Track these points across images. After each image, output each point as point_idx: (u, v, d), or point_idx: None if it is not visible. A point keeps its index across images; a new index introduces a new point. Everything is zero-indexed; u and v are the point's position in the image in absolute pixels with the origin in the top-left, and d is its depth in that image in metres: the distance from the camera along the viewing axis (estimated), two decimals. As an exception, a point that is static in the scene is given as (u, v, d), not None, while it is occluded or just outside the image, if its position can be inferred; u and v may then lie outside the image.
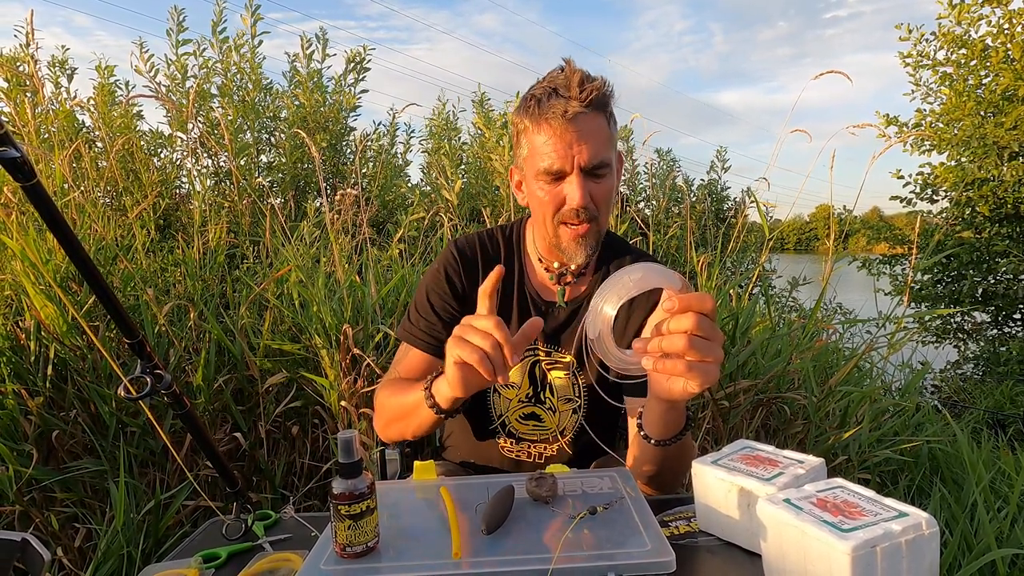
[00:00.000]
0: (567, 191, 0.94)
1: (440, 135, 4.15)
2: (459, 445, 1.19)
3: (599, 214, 0.97)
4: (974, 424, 2.75)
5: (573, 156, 0.92)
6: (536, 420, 1.09)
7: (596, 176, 0.95)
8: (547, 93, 0.92)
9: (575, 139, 0.91)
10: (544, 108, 0.92)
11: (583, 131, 0.91)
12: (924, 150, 5.30)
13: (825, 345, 2.17)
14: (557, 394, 1.07)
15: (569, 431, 1.09)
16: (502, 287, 1.04)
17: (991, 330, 5.16)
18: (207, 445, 0.90)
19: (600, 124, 0.94)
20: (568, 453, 1.10)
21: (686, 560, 0.73)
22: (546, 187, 0.95)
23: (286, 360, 1.86)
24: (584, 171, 0.93)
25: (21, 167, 0.56)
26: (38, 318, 1.62)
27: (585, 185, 0.93)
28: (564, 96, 0.91)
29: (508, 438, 1.11)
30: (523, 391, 1.08)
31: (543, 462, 1.10)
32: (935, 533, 0.62)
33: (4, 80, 2.70)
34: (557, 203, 0.95)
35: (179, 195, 3.07)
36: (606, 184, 0.96)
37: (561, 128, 0.91)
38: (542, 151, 0.93)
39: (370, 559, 0.71)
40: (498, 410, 1.10)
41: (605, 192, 0.96)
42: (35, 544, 0.61)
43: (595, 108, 0.92)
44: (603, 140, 0.94)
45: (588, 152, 0.92)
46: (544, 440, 1.10)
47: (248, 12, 3.27)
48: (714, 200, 4.82)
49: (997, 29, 4.79)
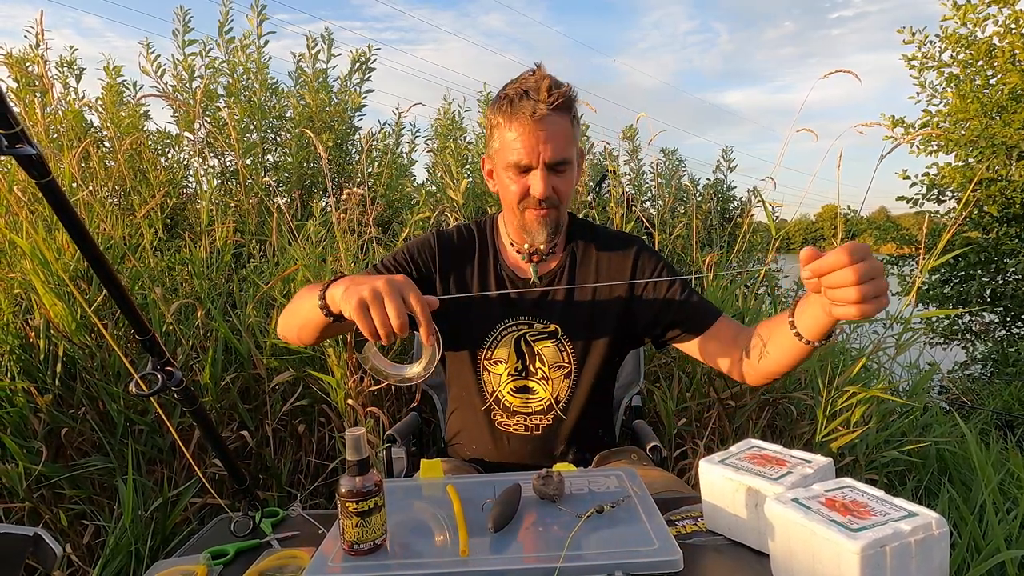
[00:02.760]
0: (532, 183, 1.05)
1: (445, 135, 4.15)
2: (465, 442, 1.22)
3: (560, 202, 1.09)
4: (982, 425, 2.73)
5: (539, 153, 1.03)
6: (528, 392, 1.15)
7: (558, 171, 1.06)
8: (519, 94, 1.02)
9: (541, 138, 1.02)
10: (515, 107, 1.02)
11: (549, 131, 1.02)
12: (931, 150, 5.27)
13: (832, 345, 2.16)
14: (547, 362, 1.14)
15: (563, 397, 1.15)
16: (480, 269, 1.19)
17: (999, 331, 5.12)
18: (216, 442, 0.91)
19: (564, 125, 1.04)
20: (565, 420, 1.15)
21: (693, 559, 0.73)
22: (514, 177, 1.06)
23: (293, 359, 1.87)
24: (548, 166, 1.04)
25: (37, 164, 0.57)
26: (47, 316, 1.63)
27: (548, 178, 1.04)
28: (534, 99, 1.01)
29: (503, 412, 1.16)
30: (511, 365, 1.14)
31: (541, 433, 1.15)
32: (945, 533, 0.62)
33: (14, 80, 2.72)
34: (523, 192, 1.07)
35: (186, 194, 3.08)
36: (567, 177, 1.08)
37: (530, 127, 1.02)
38: (512, 146, 1.04)
39: (378, 556, 0.72)
40: (490, 387, 1.16)
41: (566, 184, 1.08)
42: (47, 539, 0.62)
43: (560, 111, 1.03)
44: (566, 140, 1.05)
45: (552, 150, 1.03)
46: (539, 412, 1.15)
47: (254, 12, 3.28)
48: (720, 200, 4.80)
49: (1004, 29, 4.75)
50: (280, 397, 1.86)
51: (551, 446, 1.16)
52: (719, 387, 1.86)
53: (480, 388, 1.17)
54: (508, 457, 1.16)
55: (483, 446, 1.19)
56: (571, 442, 1.17)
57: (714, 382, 1.87)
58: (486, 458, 1.19)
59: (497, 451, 1.17)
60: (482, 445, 1.19)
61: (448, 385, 1.29)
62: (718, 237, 3.49)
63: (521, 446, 1.16)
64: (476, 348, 1.16)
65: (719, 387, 1.86)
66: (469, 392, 1.18)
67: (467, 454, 1.21)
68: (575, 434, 1.16)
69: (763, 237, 3.58)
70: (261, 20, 3.28)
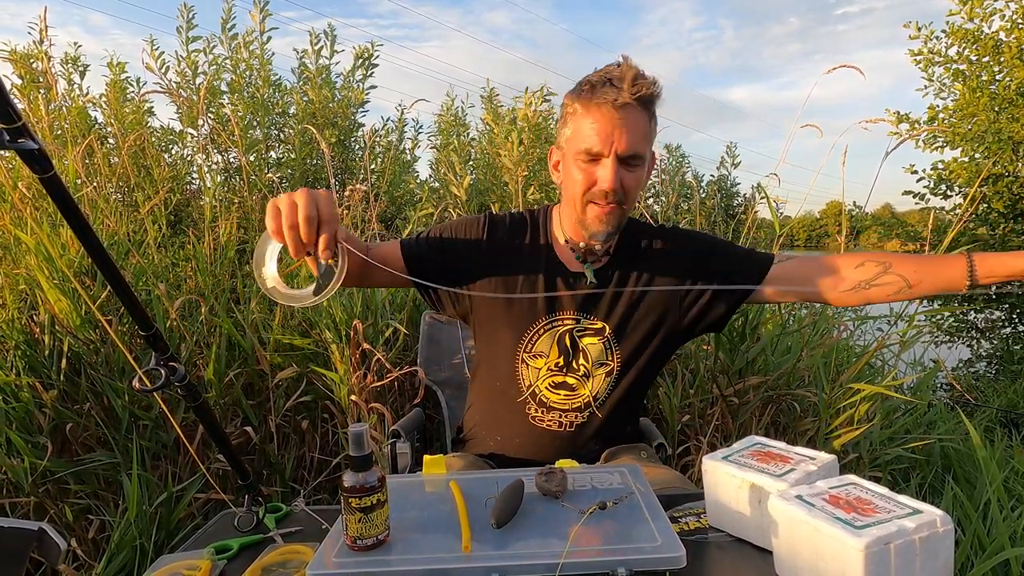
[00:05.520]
0: (600, 173, 1.01)
1: (449, 131, 4.14)
2: (485, 435, 1.18)
3: (626, 200, 1.04)
4: (987, 423, 2.72)
5: (612, 142, 0.99)
6: (567, 389, 1.12)
7: (629, 165, 1.02)
8: (602, 81, 0.99)
9: (617, 127, 0.98)
10: (597, 94, 0.98)
11: (626, 121, 0.98)
12: (937, 147, 5.23)
13: (836, 342, 2.15)
14: (591, 359, 1.11)
15: (602, 395, 1.13)
16: (532, 255, 1.14)
17: (1005, 328, 5.09)
18: (220, 437, 0.91)
19: (642, 120, 1.01)
20: (599, 417, 1.13)
21: (696, 556, 0.73)
22: (583, 166, 1.02)
23: (296, 355, 1.87)
24: (620, 158, 1.00)
25: (39, 159, 0.57)
26: (52, 312, 1.64)
27: (618, 171, 1.00)
28: (617, 87, 0.97)
29: (539, 407, 1.13)
30: (552, 360, 1.12)
31: (573, 430, 1.13)
32: (949, 531, 0.61)
33: (18, 77, 2.73)
34: (589, 182, 1.02)
35: (190, 191, 3.09)
36: (637, 175, 1.04)
37: (608, 114, 0.98)
38: (586, 133, 1.00)
39: (380, 552, 0.72)
40: (527, 381, 1.13)
41: (635, 181, 1.03)
42: (52, 534, 0.62)
43: (641, 104, 0.99)
44: (642, 134, 1.01)
45: (627, 141, 0.99)
46: (576, 408, 1.12)
47: (257, 9, 3.28)
48: (724, 196, 4.79)
49: (1011, 24, 4.71)
50: (284, 393, 1.86)
51: (580, 443, 1.13)
52: (722, 384, 1.85)
53: (517, 381, 1.13)
54: (534, 452, 1.13)
55: (509, 439, 1.15)
56: (601, 440, 1.14)
57: (717, 379, 1.87)
58: (508, 452, 1.15)
59: (524, 445, 1.14)
60: (508, 438, 1.15)
61: (473, 378, 1.25)
62: (722, 234, 3.48)
63: (551, 442, 1.13)
64: (516, 339, 1.12)
65: (722, 384, 1.85)
66: (504, 384, 1.14)
67: (485, 448, 1.17)
68: (606, 432, 1.14)
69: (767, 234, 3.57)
70: (264, 16, 3.28)
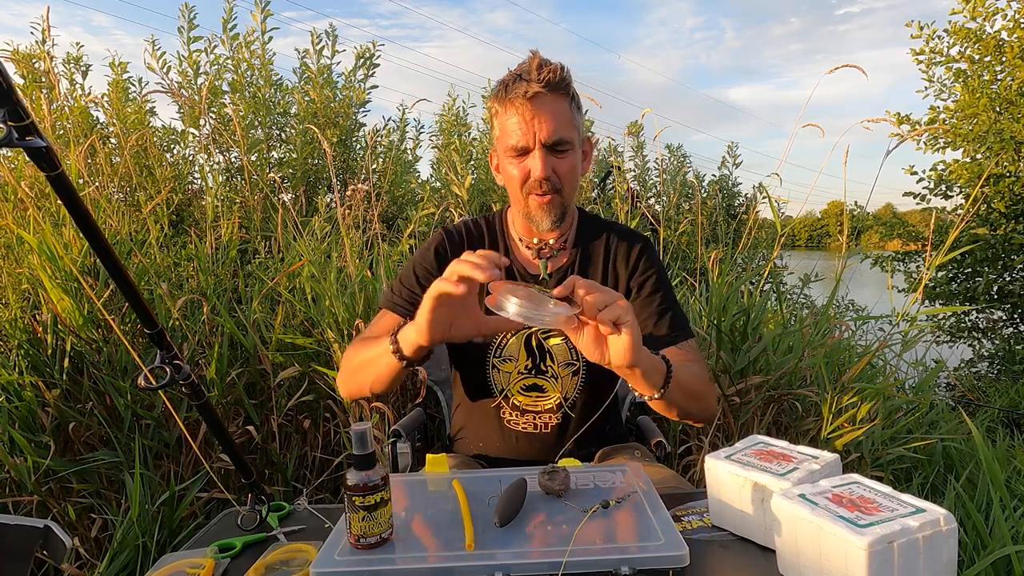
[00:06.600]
0: (531, 164, 1.04)
1: (450, 131, 4.15)
2: (469, 438, 1.22)
3: (563, 187, 1.06)
4: (989, 423, 2.72)
5: (534, 132, 1.01)
6: (538, 391, 1.14)
7: (558, 152, 1.04)
8: (513, 79, 1.03)
9: (535, 116, 1.01)
10: (510, 91, 1.02)
11: (542, 109, 1.01)
12: (938, 147, 5.23)
13: (837, 342, 2.16)
14: (558, 360, 1.13)
15: (572, 395, 1.15)
16: None
17: (1007, 328, 5.08)
18: (223, 436, 0.91)
19: (560, 105, 1.03)
20: (572, 417, 1.15)
21: (699, 555, 0.73)
22: (514, 162, 1.05)
23: (298, 354, 1.87)
24: (546, 146, 1.02)
25: (47, 157, 0.57)
26: (55, 311, 1.64)
27: (547, 159, 1.03)
28: (526, 79, 1.01)
29: (512, 411, 1.15)
30: (521, 363, 1.14)
31: (550, 431, 1.15)
32: (953, 530, 0.61)
33: (21, 76, 2.73)
34: (524, 176, 1.05)
35: (192, 190, 3.10)
36: (568, 160, 1.05)
37: (523, 107, 1.01)
38: (510, 130, 1.03)
39: (384, 550, 0.72)
40: (499, 386, 1.15)
41: (567, 167, 1.05)
42: (57, 531, 0.62)
43: (553, 89, 1.01)
44: (563, 119, 1.03)
45: (548, 128, 1.01)
46: (549, 410, 1.14)
47: (258, 9, 3.29)
48: (725, 196, 4.79)
49: (1013, 23, 4.71)
50: (286, 392, 1.87)
51: (560, 444, 1.15)
52: (724, 383, 1.85)
53: (489, 386, 1.15)
54: (515, 454, 1.16)
55: (490, 443, 1.18)
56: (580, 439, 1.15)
57: (719, 378, 1.87)
58: (492, 454, 1.18)
59: (504, 448, 1.17)
60: (489, 442, 1.19)
61: (453, 381, 1.28)
62: (723, 234, 3.48)
63: (529, 444, 1.15)
64: (485, 345, 1.14)
65: (724, 383, 1.85)
66: (477, 389, 1.17)
67: (472, 449, 1.21)
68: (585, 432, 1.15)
69: (768, 233, 3.57)
70: (265, 16, 3.28)
